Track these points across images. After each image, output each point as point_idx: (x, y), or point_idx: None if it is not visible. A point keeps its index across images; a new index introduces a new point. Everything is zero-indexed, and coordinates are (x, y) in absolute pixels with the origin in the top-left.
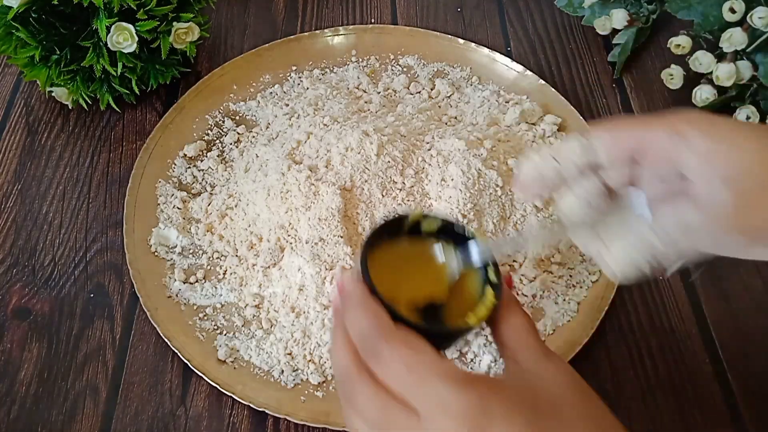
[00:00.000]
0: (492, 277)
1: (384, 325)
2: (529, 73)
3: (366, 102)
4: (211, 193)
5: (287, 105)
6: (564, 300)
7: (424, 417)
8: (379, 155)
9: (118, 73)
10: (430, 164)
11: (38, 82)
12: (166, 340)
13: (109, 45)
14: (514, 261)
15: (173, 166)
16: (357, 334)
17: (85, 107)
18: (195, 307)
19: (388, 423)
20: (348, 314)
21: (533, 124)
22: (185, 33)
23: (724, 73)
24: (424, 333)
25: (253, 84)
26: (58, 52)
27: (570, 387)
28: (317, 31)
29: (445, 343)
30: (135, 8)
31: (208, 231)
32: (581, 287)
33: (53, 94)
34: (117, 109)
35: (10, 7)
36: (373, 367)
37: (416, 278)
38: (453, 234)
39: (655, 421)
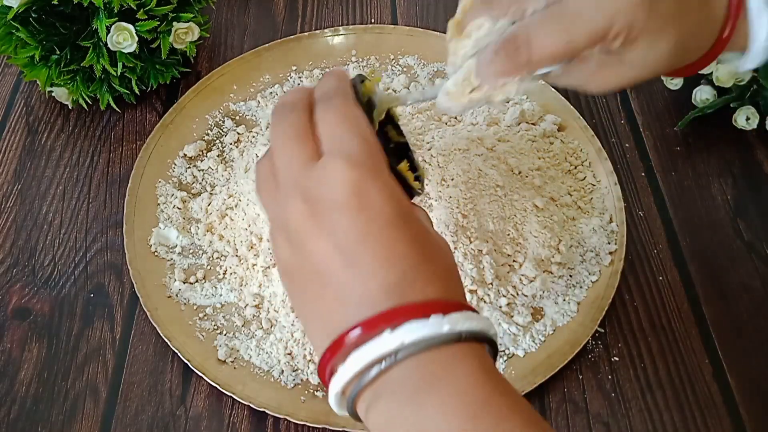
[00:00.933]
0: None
1: (348, 92)
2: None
3: None
4: (211, 193)
5: None
6: (564, 300)
7: (325, 155)
8: None
9: (118, 73)
10: (430, 164)
11: (38, 82)
12: (166, 340)
13: (109, 45)
14: (514, 261)
15: (173, 166)
16: (321, 87)
17: (85, 107)
18: (195, 307)
19: (290, 148)
20: (323, 78)
21: (533, 124)
22: (185, 33)
23: (724, 74)
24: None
25: (253, 84)
26: (58, 52)
27: (445, 245)
28: (317, 31)
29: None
30: (135, 8)
31: (208, 231)
32: (581, 287)
33: (53, 94)
34: (117, 109)
35: (10, 7)
36: (318, 107)
37: None
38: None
39: (655, 421)
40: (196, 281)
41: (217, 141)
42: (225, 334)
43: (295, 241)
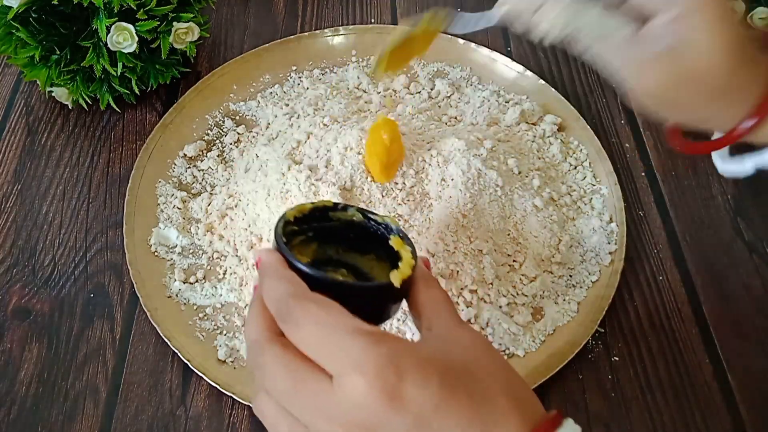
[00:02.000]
0: (405, 247)
1: (298, 288)
2: (529, 73)
3: (366, 102)
4: (211, 193)
5: (287, 105)
6: (564, 300)
7: (336, 377)
8: None
9: (118, 73)
10: (430, 164)
11: (38, 82)
12: (166, 340)
13: (109, 45)
14: (514, 261)
15: (173, 166)
16: (273, 302)
17: (85, 107)
18: (195, 307)
19: (298, 390)
20: (264, 284)
21: (533, 124)
22: (185, 33)
23: None
24: (349, 292)
25: (253, 84)
26: (58, 52)
27: (484, 353)
28: (317, 31)
29: (372, 308)
30: (135, 8)
31: (208, 231)
32: (581, 287)
33: (53, 94)
34: (117, 109)
35: (10, 7)
36: (286, 332)
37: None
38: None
39: (655, 421)
40: (196, 281)
41: (217, 141)
42: (225, 334)
43: None
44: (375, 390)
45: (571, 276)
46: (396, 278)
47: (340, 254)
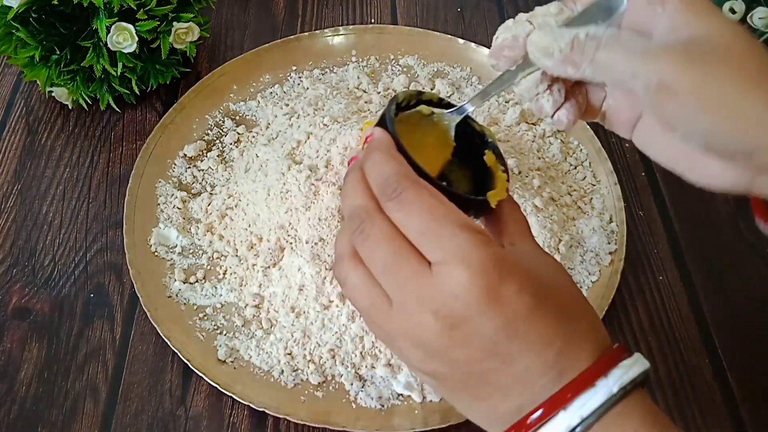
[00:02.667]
0: (499, 166)
1: (409, 172)
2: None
3: (366, 102)
4: (211, 193)
5: (287, 105)
6: None
7: (437, 264)
8: None
9: (118, 73)
10: None
11: (38, 82)
12: (166, 340)
13: (109, 45)
14: None
15: (173, 166)
16: (378, 176)
17: (85, 107)
18: (195, 307)
19: (397, 265)
20: (371, 158)
21: (533, 124)
22: (185, 33)
23: None
24: (447, 196)
25: (253, 84)
26: (58, 52)
27: (566, 277)
28: (317, 31)
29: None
30: (135, 8)
31: (208, 231)
32: (581, 287)
33: (53, 94)
34: (117, 109)
35: (10, 7)
36: (390, 210)
37: (429, 153)
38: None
39: None
40: (196, 281)
41: (217, 141)
42: (225, 334)
43: (440, 356)
44: (476, 286)
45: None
46: (493, 199)
47: None
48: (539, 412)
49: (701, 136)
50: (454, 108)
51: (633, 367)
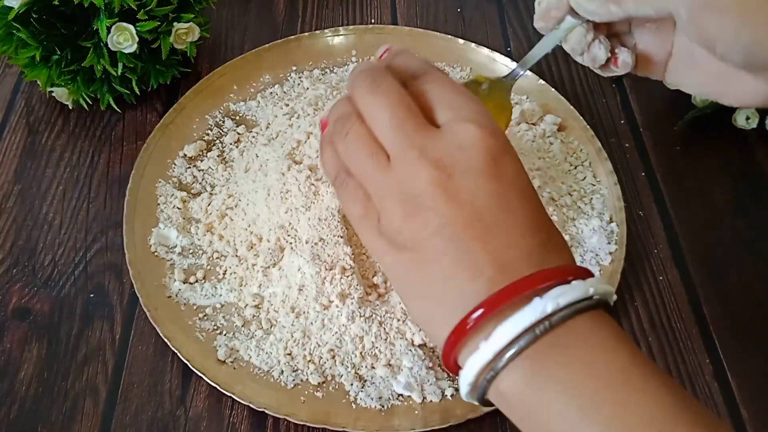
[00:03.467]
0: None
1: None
2: (529, 73)
3: None
4: (211, 193)
5: (287, 105)
6: None
7: (449, 122)
8: None
9: (119, 74)
10: None
11: (39, 82)
12: (165, 340)
13: (110, 45)
14: None
15: (173, 166)
16: (407, 64)
17: (86, 107)
18: (195, 307)
19: (405, 120)
20: (398, 56)
21: (533, 124)
22: (185, 33)
23: None
24: None
25: (253, 84)
26: (58, 53)
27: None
28: (317, 31)
29: None
30: (135, 8)
31: (208, 231)
32: None
33: (54, 95)
34: (117, 110)
35: (11, 8)
36: (417, 82)
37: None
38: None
39: None
40: (196, 281)
41: (217, 141)
42: (225, 335)
43: (423, 208)
44: (484, 144)
45: None
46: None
47: None
48: (506, 294)
49: (742, 51)
50: (507, 74)
51: (605, 286)
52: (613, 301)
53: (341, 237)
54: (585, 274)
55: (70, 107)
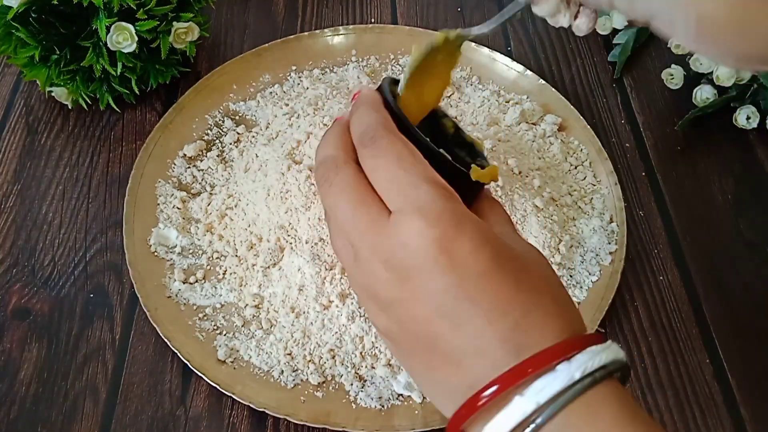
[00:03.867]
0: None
1: (391, 125)
2: (529, 73)
3: None
4: (210, 193)
5: (287, 105)
6: None
7: (396, 213)
8: None
9: (118, 73)
10: None
11: (38, 82)
12: (165, 340)
13: (109, 45)
14: None
15: (173, 166)
16: (362, 125)
17: (85, 107)
18: (195, 307)
19: (356, 214)
20: (359, 110)
21: (533, 124)
22: (185, 33)
23: (725, 73)
24: (432, 160)
25: (253, 84)
26: (57, 52)
27: (543, 260)
28: (317, 31)
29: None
30: (135, 8)
31: (207, 231)
32: (581, 287)
33: (53, 94)
34: (117, 109)
35: (10, 7)
36: (363, 157)
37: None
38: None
39: (656, 421)
40: (196, 281)
41: (217, 141)
42: (225, 334)
43: (390, 310)
44: (428, 237)
45: (571, 276)
46: (474, 173)
47: None
48: (491, 389)
49: (735, 56)
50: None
51: (602, 353)
52: (621, 360)
53: None
54: (579, 344)
55: (70, 107)
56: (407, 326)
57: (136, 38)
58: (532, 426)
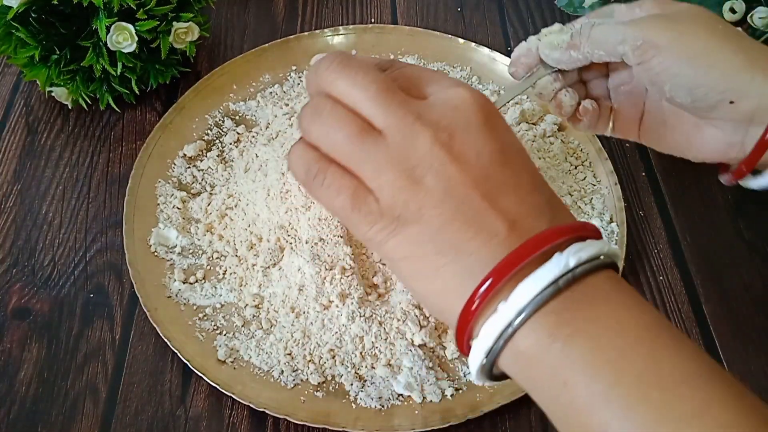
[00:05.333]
0: None
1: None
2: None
3: None
4: (210, 193)
5: (287, 105)
6: None
7: (436, 92)
8: None
9: (118, 73)
10: None
11: (38, 82)
12: (165, 340)
13: (109, 45)
14: None
15: (173, 166)
16: (374, 65)
17: (85, 107)
18: (195, 308)
19: (391, 93)
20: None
21: (533, 124)
22: (185, 33)
23: None
24: None
25: (253, 84)
26: (57, 52)
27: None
28: (317, 31)
29: None
30: (135, 8)
31: (207, 231)
32: None
33: (53, 94)
34: (117, 109)
35: (10, 7)
36: (390, 71)
37: None
38: None
39: None
40: (196, 281)
41: (217, 141)
42: (225, 335)
43: (431, 174)
44: (476, 103)
45: None
46: None
47: None
48: (526, 251)
49: (686, 88)
50: None
51: (612, 247)
52: (621, 266)
53: (341, 237)
54: (594, 232)
55: (70, 107)
56: (450, 191)
57: (136, 38)
58: (567, 278)
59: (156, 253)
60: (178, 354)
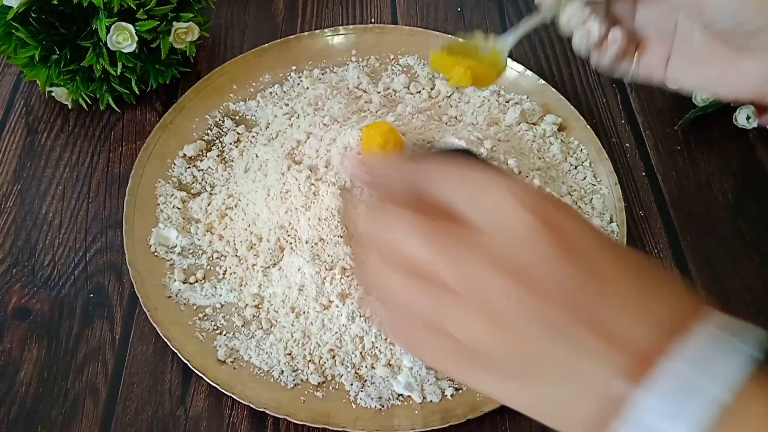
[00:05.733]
0: None
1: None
2: (529, 73)
3: (366, 102)
4: (210, 193)
5: (287, 105)
6: None
7: (484, 219)
8: None
9: (118, 73)
10: None
11: (38, 82)
12: (165, 340)
13: (109, 45)
14: None
15: (173, 166)
16: (411, 170)
17: (85, 107)
18: (195, 307)
19: (443, 234)
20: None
21: (533, 124)
22: (185, 33)
23: None
24: None
25: (253, 84)
26: (57, 52)
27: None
28: (317, 31)
29: None
30: (135, 8)
31: (207, 231)
32: None
33: (53, 94)
34: (117, 109)
35: (10, 7)
36: (428, 191)
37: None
38: None
39: None
40: (196, 281)
41: (217, 141)
42: (225, 335)
43: (508, 316)
44: (532, 221)
45: None
46: None
47: None
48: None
49: (730, 10)
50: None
51: (752, 329)
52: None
53: (341, 237)
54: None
55: (70, 107)
56: (533, 328)
57: (136, 38)
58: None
59: (156, 253)
60: (178, 354)
